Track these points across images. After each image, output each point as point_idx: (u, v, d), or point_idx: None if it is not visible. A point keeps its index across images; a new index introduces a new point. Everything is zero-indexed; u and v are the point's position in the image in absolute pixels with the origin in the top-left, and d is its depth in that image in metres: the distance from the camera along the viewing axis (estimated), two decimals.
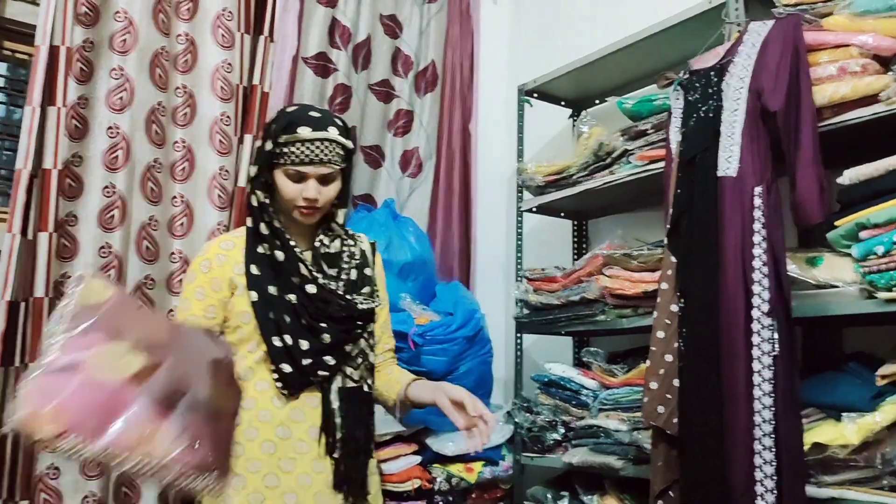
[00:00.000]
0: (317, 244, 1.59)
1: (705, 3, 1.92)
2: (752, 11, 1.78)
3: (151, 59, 2.14)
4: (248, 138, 2.29)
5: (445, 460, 2.20)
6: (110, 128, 2.06)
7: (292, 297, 1.51)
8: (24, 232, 1.88)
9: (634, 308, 2.00)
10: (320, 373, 1.51)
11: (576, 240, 2.64)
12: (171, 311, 2.13)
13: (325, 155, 1.48)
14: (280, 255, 1.53)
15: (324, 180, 1.51)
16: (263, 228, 1.54)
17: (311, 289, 1.52)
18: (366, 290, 1.60)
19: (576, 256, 2.59)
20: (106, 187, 2.04)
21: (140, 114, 2.11)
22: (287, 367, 1.49)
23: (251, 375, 1.51)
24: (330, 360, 1.52)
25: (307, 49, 2.49)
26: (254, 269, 1.52)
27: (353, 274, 1.60)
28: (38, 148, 1.93)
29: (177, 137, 2.19)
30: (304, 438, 1.50)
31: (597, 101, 2.60)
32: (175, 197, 2.17)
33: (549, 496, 2.16)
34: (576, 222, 2.64)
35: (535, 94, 2.58)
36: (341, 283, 1.57)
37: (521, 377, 2.41)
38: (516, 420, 2.29)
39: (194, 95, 2.23)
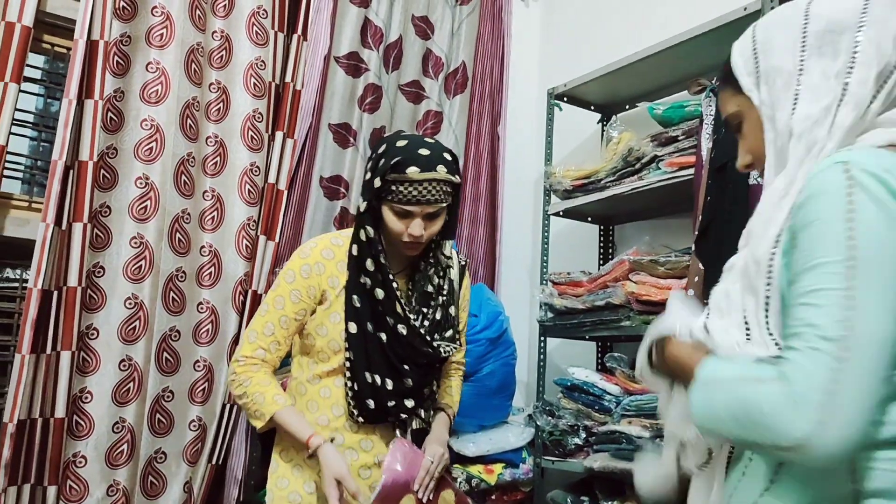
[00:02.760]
0: (417, 278, 1.60)
1: (740, 11, 1.90)
2: None
3: (187, 54, 2.17)
4: (279, 135, 2.32)
5: (465, 461, 2.21)
6: (145, 120, 2.09)
7: (383, 336, 1.53)
8: (58, 222, 1.92)
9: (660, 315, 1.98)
10: (401, 415, 1.56)
11: (602, 245, 2.63)
12: (199, 303, 2.15)
13: (433, 195, 1.46)
14: (380, 293, 1.52)
15: (430, 217, 1.49)
16: (370, 264, 1.52)
17: (402, 329, 1.53)
18: (449, 333, 1.61)
19: (602, 261, 2.58)
20: (139, 178, 2.07)
21: (174, 108, 2.14)
22: (371, 404, 1.52)
23: (325, 394, 1.56)
24: (410, 403, 1.56)
25: (339, 48, 2.51)
26: (356, 301, 1.52)
27: (440, 313, 1.60)
28: (74, 140, 1.96)
29: (209, 132, 2.22)
30: (371, 466, 1.55)
31: (627, 107, 2.59)
32: (206, 191, 2.20)
33: (569, 500, 2.16)
34: (602, 227, 2.63)
35: (565, 98, 2.58)
36: (427, 323, 1.58)
37: (543, 381, 2.41)
38: (538, 423, 2.29)
39: (228, 91, 2.26)
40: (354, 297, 1.52)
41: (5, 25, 1.91)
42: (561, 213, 2.47)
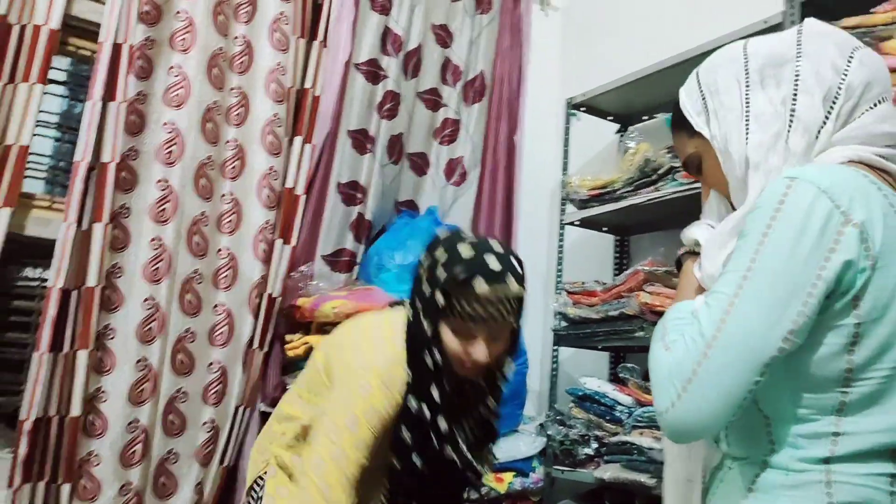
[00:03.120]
0: (482, 413, 1.45)
1: (760, 24, 1.90)
2: None
3: (209, 58, 2.20)
4: (297, 140, 2.34)
5: None
6: (166, 124, 2.12)
7: (425, 468, 1.35)
8: (79, 222, 1.95)
9: None
10: None
11: (617, 255, 2.62)
12: (215, 306, 2.17)
13: (502, 314, 1.29)
14: (444, 425, 1.34)
15: (495, 337, 1.33)
16: (435, 394, 1.32)
17: (449, 453, 1.37)
18: (490, 455, 1.51)
19: (616, 272, 2.57)
20: (159, 181, 2.10)
21: (195, 111, 2.16)
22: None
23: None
24: None
25: (359, 55, 2.53)
26: (404, 434, 1.33)
27: (481, 431, 1.46)
28: (96, 141, 1.99)
29: (229, 136, 2.24)
30: None
31: (645, 117, 2.58)
32: (225, 194, 2.22)
33: None
34: (618, 237, 2.63)
35: (583, 108, 2.58)
36: (472, 444, 1.43)
37: (555, 390, 2.41)
38: (549, 433, 2.28)
39: (248, 96, 2.28)
40: (403, 428, 1.32)
41: (32, 28, 1.94)
42: (577, 223, 2.47)
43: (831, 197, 0.82)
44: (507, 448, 2.30)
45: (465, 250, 1.31)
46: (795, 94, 0.93)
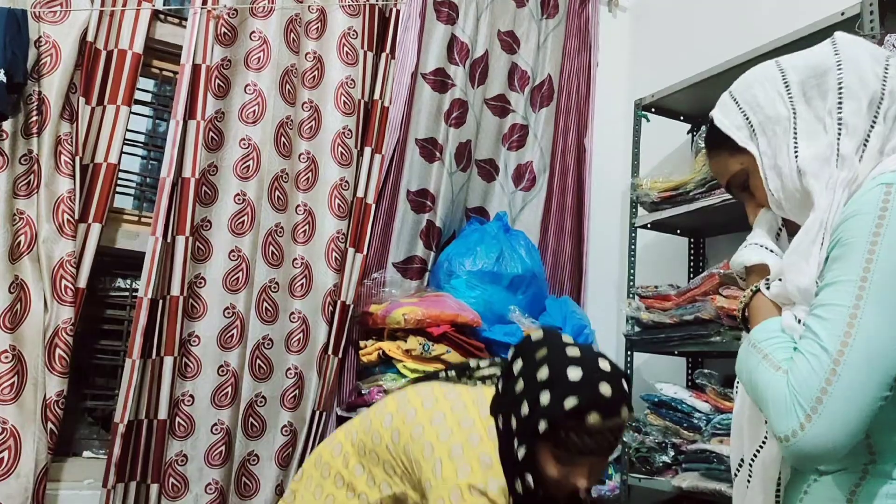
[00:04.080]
0: None
1: (837, 15, 1.83)
2: (889, 23, 1.69)
3: (282, 75, 2.28)
4: (367, 150, 2.39)
5: None
6: (243, 140, 2.21)
7: None
8: (164, 235, 2.05)
9: None
10: None
11: (692, 258, 2.56)
12: (291, 313, 2.25)
13: (612, 445, 1.22)
14: None
15: (601, 464, 1.26)
16: None
17: None
18: None
19: (691, 275, 2.52)
20: (237, 195, 2.19)
21: (270, 127, 2.25)
22: None
23: None
24: None
25: (426, 65, 2.57)
26: None
27: None
28: (179, 158, 2.09)
29: (302, 149, 2.32)
30: None
31: None
32: (299, 205, 2.30)
33: None
34: (692, 240, 2.57)
35: (653, 109, 2.54)
36: None
37: (630, 396, 2.36)
38: (624, 439, 2.25)
39: (319, 109, 2.35)
40: None
41: (118, 53, 2.06)
42: (648, 226, 2.43)
43: None
44: None
45: (574, 373, 1.19)
46: (841, 102, 0.92)
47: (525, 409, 1.22)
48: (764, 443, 0.95)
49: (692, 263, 2.56)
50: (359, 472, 1.38)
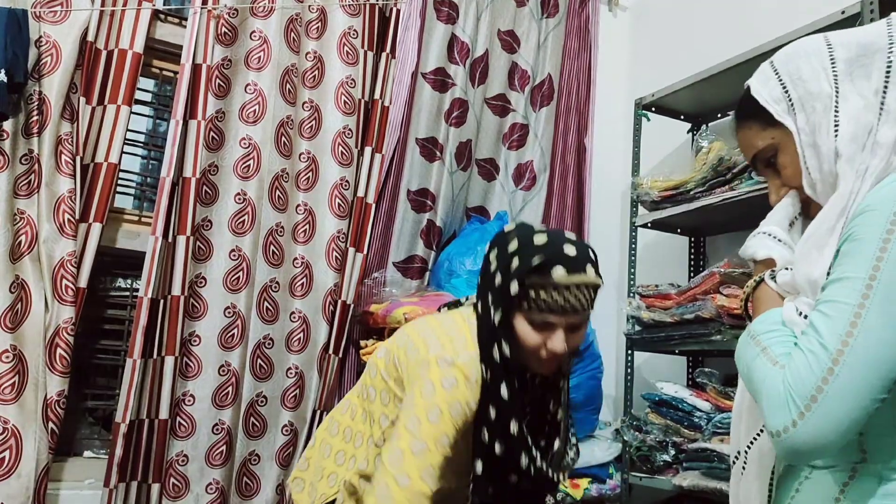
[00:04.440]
0: (550, 418, 1.40)
1: (837, 14, 1.83)
2: None
3: (282, 75, 2.28)
4: (367, 150, 2.39)
5: None
6: (243, 139, 2.21)
7: (513, 476, 1.30)
8: (165, 235, 2.05)
9: None
10: None
11: (692, 257, 2.57)
12: (292, 313, 2.24)
13: (581, 302, 1.24)
14: (514, 426, 1.27)
15: (573, 328, 1.28)
16: (504, 392, 1.26)
17: (524, 462, 1.30)
18: (566, 461, 1.44)
19: (692, 274, 2.52)
20: (238, 195, 2.19)
21: (270, 126, 2.25)
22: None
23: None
24: None
25: (426, 64, 2.57)
26: (485, 436, 1.27)
27: (558, 443, 1.42)
28: (179, 158, 2.09)
29: (302, 149, 2.32)
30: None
31: (718, 115, 2.52)
32: (299, 205, 2.30)
33: None
34: (692, 239, 2.57)
35: (653, 108, 2.54)
36: (549, 454, 1.39)
37: (630, 395, 2.37)
38: (625, 438, 2.25)
39: (320, 109, 2.35)
40: (484, 430, 1.27)
41: (118, 53, 2.06)
42: (649, 225, 2.43)
43: None
44: (583, 454, 2.27)
45: (539, 238, 1.26)
46: (887, 86, 0.87)
47: (498, 279, 1.27)
48: (761, 432, 0.95)
49: (692, 262, 2.56)
50: (363, 418, 1.42)
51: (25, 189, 1.91)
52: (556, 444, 1.41)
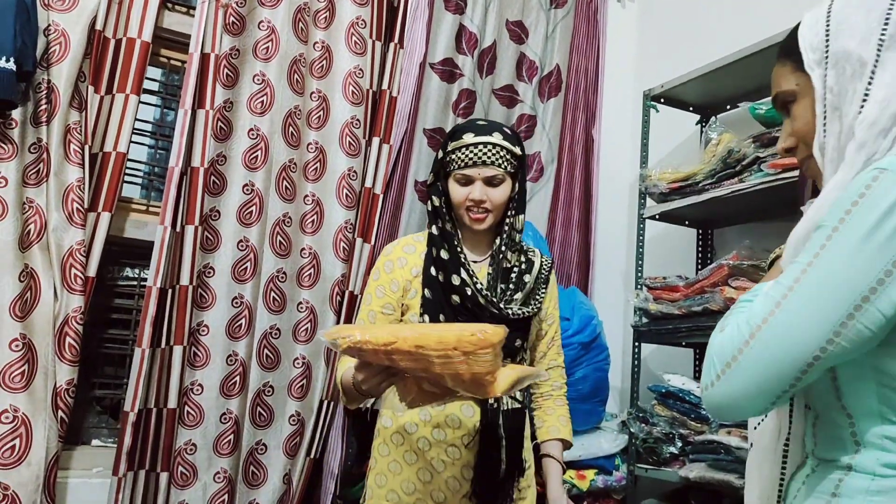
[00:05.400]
0: (493, 256, 1.64)
1: None
2: None
3: (290, 65, 2.27)
4: (375, 141, 2.39)
5: None
6: (251, 130, 2.21)
7: (456, 298, 1.57)
8: (173, 224, 2.05)
9: None
10: None
11: (700, 249, 2.56)
12: (299, 303, 2.25)
13: (489, 157, 1.55)
14: (444, 255, 1.59)
15: (490, 183, 1.57)
16: (435, 230, 1.62)
17: (468, 291, 1.56)
18: (528, 306, 1.62)
19: (700, 266, 2.51)
20: (246, 185, 2.19)
21: (278, 117, 2.24)
22: None
23: None
24: None
25: (434, 55, 2.56)
26: (431, 270, 1.59)
27: (520, 287, 1.63)
28: (187, 147, 2.09)
29: (310, 139, 2.31)
30: (457, 444, 1.56)
31: (727, 107, 2.51)
32: (307, 195, 2.29)
33: None
34: (700, 231, 2.56)
35: (662, 100, 2.53)
36: (507, 294, 1.61)
37: (637, 387, 2.37)
38: (631, 430, 2.25)
39: (328, 99, 2.34)
40: (431, 268, 1.58)
41: (126, 41, 2.06)
42: (657, 217, 2.42)
43: None
44: (589, 445, 2.28)
45: (461, 122, 1.65)
46: None
47: (438, 156, 1.63)
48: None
49: (700, 254, 2.55)
50: None
51: (34, 178, 1.91)
52: (517, 286, 1.62)
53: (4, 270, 1.84)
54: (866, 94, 0.84)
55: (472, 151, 1.55)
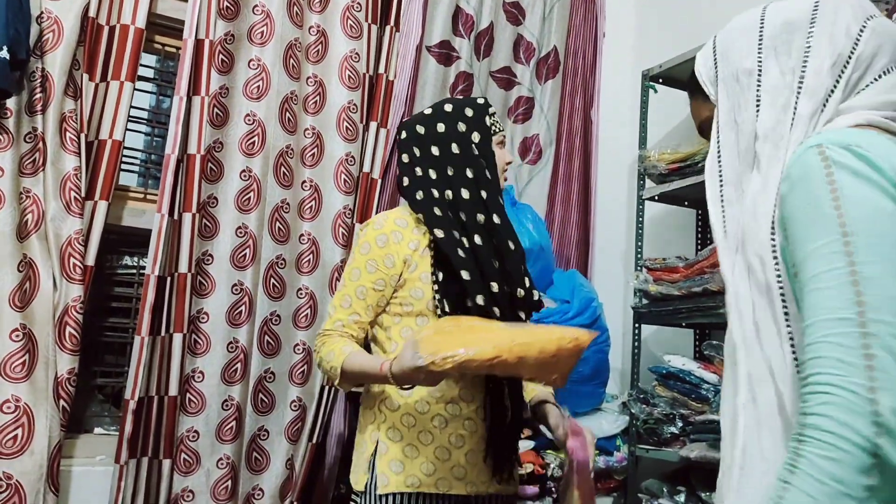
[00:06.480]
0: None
1: None
2: None
3: (286, 50, 2.26)
4: (373, 125, 2.37)
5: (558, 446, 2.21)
6: (248, 115, 2.19)
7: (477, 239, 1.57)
8: (171, 212, 2.04)
9: None
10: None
11: (700, 230, 2.55)
12: (299, 289, 2.25)
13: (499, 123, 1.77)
14: (466, 193, 1.60)
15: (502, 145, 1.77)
16: (467, 195, 1.63)
17: (496, 219, 1.60)
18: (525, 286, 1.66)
19: (699, 247, 2.51)
20: (243, 171, 2.18)
21: (274, 102, 2.23)
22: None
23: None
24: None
25: (431, 38, 2.54)
26: (436, 209, 1.59)
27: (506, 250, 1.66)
28: (183, 135, 2.08)
29: (307, 124, 2.30)
30: (473, 417, 1.56)
31: None
32: (305, 181, 2.29)
33: (664, 490, 2.12)
34: (700, 211, 2.55)
35: (661, 80, 2.52)
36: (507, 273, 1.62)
37: (637, 368, 2.38)
38: (632, 411, 2.26)
39: (324, 84, 2.33)
40: (438, 231, 1.56)
41: (120, 28, 2.04)
42: (656, 198, 2.42)
43: (857, 154, 0.81)
44: (590, 426, 2.28)
45: (460, 99, 1.76)
46: (806, 61, 0.92)
47: (462, 127, 1.68)
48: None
49: (700, 235, 2.55)
50: None
51: (31, 167, 1.90)
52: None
53: (3, 261, 1.84)
54: (758, 100, 0.95)
55: (494, 117, 1.71)
